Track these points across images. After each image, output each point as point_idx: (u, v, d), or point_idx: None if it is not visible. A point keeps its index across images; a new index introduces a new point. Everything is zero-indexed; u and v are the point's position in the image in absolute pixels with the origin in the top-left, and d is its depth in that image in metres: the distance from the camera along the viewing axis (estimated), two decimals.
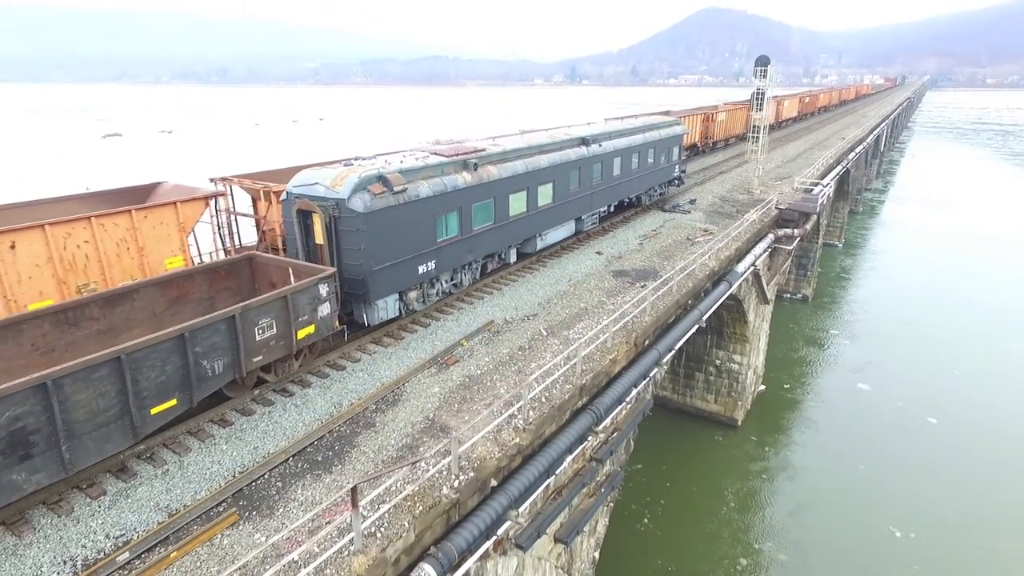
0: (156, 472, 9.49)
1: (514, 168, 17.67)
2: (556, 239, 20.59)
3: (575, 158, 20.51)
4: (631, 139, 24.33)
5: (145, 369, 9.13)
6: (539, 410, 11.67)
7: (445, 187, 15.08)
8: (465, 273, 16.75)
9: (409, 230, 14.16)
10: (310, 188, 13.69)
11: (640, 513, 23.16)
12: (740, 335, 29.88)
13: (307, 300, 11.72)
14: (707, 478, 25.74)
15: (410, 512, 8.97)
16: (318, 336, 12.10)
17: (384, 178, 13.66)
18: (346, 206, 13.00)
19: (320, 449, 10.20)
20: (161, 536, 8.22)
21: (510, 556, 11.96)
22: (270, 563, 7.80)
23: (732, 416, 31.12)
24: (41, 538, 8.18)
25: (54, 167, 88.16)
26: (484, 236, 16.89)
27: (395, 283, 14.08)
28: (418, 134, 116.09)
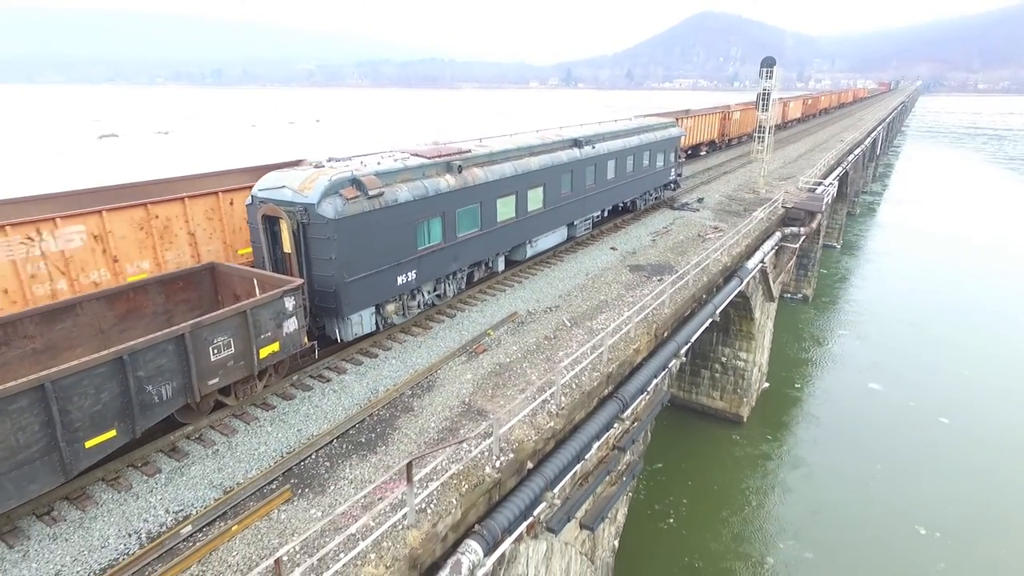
0: (207, 452, 9.76)
1: (502, 171, 16.71)
2: (547, 246, 19.74)
3: (567, 160, 19.58)
4: (626, 141, 23.62)
5: (76, 398, 8.05)
6: (570, 396, 12.00)
7: (426, 191, 14.09)
8: (449, 283, 15.79)
9: (386, 238, 13.14)
10: (276, 192, 12.52)
11: (664, 512, 23.35)
12: (746, 332, 30.29)
13: (270, 315, 10.65)
14: (725, 476, 26.02)
15: (456, 490, 9.28)
16: (284, 354, 11.03)
17: (358, 181, 12.62)
18: (315, 212, 11.90)
19: (363, 431, 10.50)
20: (219, 511, 8.49)
21: (540, 540, 12.27)
22: (328, 536, 8.07)
23: (738, 413, 31.51)
24: (104, 512, 8.44)
25: (54, 167, 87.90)
26: (470, 243, 15.90)
27: (371, 295, 13.06)
28: (414, 135, 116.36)
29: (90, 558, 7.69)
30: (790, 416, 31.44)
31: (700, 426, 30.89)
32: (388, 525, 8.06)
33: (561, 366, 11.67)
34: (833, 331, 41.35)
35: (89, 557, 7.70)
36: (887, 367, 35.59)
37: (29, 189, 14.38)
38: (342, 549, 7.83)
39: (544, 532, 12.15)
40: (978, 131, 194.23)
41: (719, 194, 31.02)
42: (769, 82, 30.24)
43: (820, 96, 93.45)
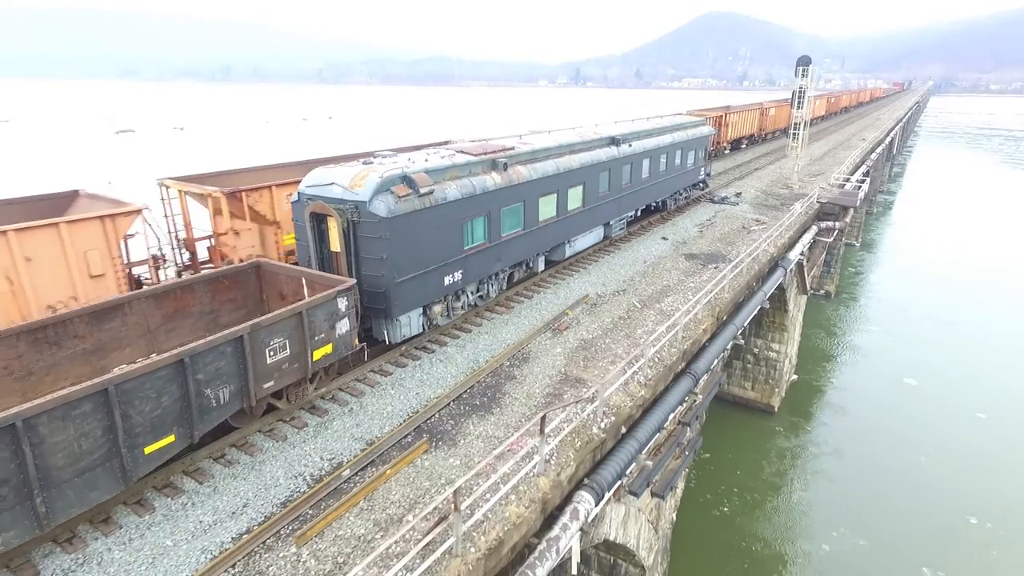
0: (342, 411, 10.80)
1: (544, 169, 16.37)
2: (585, 246, 19.45)
3: (605, 159, 19.29)
4: (659, 139, 23.28)
5: (138, 402, 7.86)
6: (655, 368, 12.96)
7: (474, 189, 13.75)
8: (492, 284, 15.49)
9: (435, 237, 12.84)
10: (325, 189, 12.20)
11: (710, 494, 24.06)
12: (779, 324, 31.13)
13: (324, 316, 10.36)
14: (768, 464, 26.62)
15: (571, 446, 10.27)
16: (336, 356, 10.74)
17: (409, 178, 12.30)
18: (367, 210, 11.57)
19: (475, 395, 11.50)
20: (369, 459, 9.51)
21: (620, 504, 13.26)
22: (472, 481, 9.06)
23: (769, 403, 32.35)
24: (270, 457, 9.49)
25: (74, 163, 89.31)
26: (513, 243, 15.58)
27: (419, 296, 12.76)
28: (428, 132, 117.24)
29: (268, 494, 8.72)
30: (821, 407, 32.26)
31: (732, 415, 31.76)
32: (523, 473, 9.04)
33: (650, 340, 12.63)
34: (857, 326, 42.10)
35: (267, 493, 8.73)
36: (918, 363, 36.22)
37: (69, 185, 14.91)
38: (489, 491, 8.82)
39: (626, 496, 13.14)
40: (994, 132, 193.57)
41: (754, 189, 31.89)
42: (804, 80, 31.09)
43: (842, 95, 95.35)
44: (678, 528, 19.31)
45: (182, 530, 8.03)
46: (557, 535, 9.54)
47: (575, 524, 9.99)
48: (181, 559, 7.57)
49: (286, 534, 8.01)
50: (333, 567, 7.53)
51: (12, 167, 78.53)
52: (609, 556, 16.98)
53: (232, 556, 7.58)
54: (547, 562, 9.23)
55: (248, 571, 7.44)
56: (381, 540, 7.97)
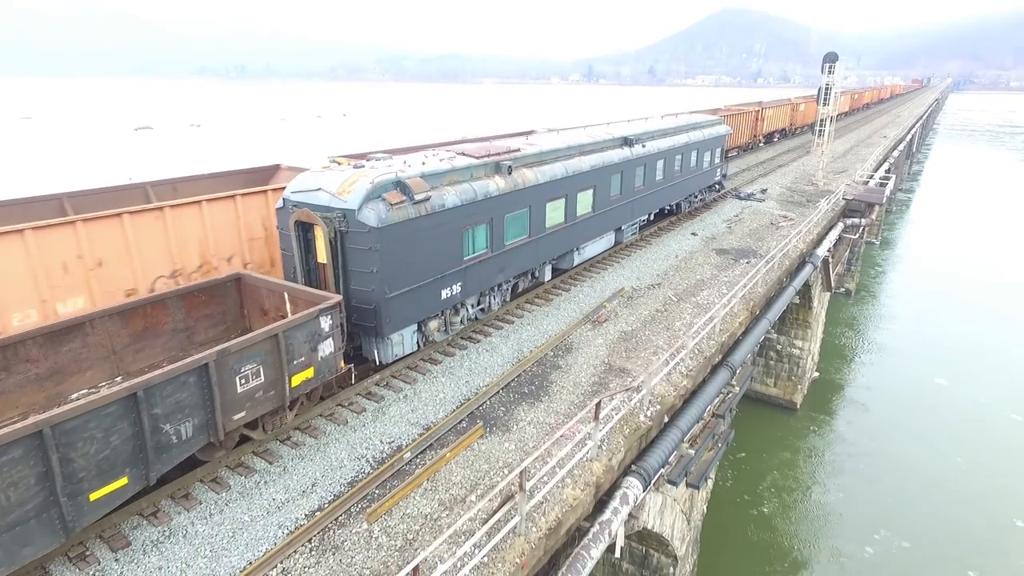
0: (397, 397, 11.14)
1: (552, 172, 15.33)
2: (594, 253, 18.44)
3: (617, 160, 18.24)
4: (674, 139, 22.16)
5: (81, 443, 6.86)
6: (696, 359, 13.19)
7: (475, 194, 12.74)
8: (495, 296, 14.51)
9: (432, 247, 11.89)
10: (312, 195, 11.30)
11: (742, 497, 24.04)
12: (803, 321, 31.17)
13: (304, 337, 9.34)
14: (796, 462, 26.61)
15: (621, 433, 10.53)
16: (318, 380, 9.76)
17: (403, 184, 11.37)
18: (355, 219, 10.66)
19: (523, 384, 11.80)
20: (427, 443, 9.83)
21: (658, 493, 13.51)
22: (531, 465, 9.34)
23: (791, 400, 32.41)
24: (333, 440, 9.84)
25: (95, 158, 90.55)
26: (517, 252, 14.55)
27: (414, 312, 11.79)
28: (440, 129, 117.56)
29: (335, 475, 9.07)
30: (844, 405, 32.26)
31: (755, 411, 31.86)
32: (578, 458, 9.32)
33: (691, 331, 12.86)
34: (878, 324, 41.95)
35: (334, 474, 9.08)
36: (946, 362, 35.85)
37: (91, 182, 15.03)
38: (547, 475, 9.11)
39: (664, 485, 13.39)
40: (1016, 129, 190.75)
41: (779, 186, 31.93)
42: (831, 77, 31.06)
43: (865, 91, 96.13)
44: (708, 520, 19.54)
45: (257, 507, 8.39)
46: (609, 518, 9.83)
47: (625, 508, 10.26)
48: (259, 534, 7.92)
49: (356, 512, 8.35)
50: (404, 543, 7.85)
51: (37, 162, 79.81)
52: (641, 547, 17.22)
53: (307, 532, 7.92)
54: (601, 544, 9.51)
55: (324, 545, 7.78)
56: (447, 518, 8.28)
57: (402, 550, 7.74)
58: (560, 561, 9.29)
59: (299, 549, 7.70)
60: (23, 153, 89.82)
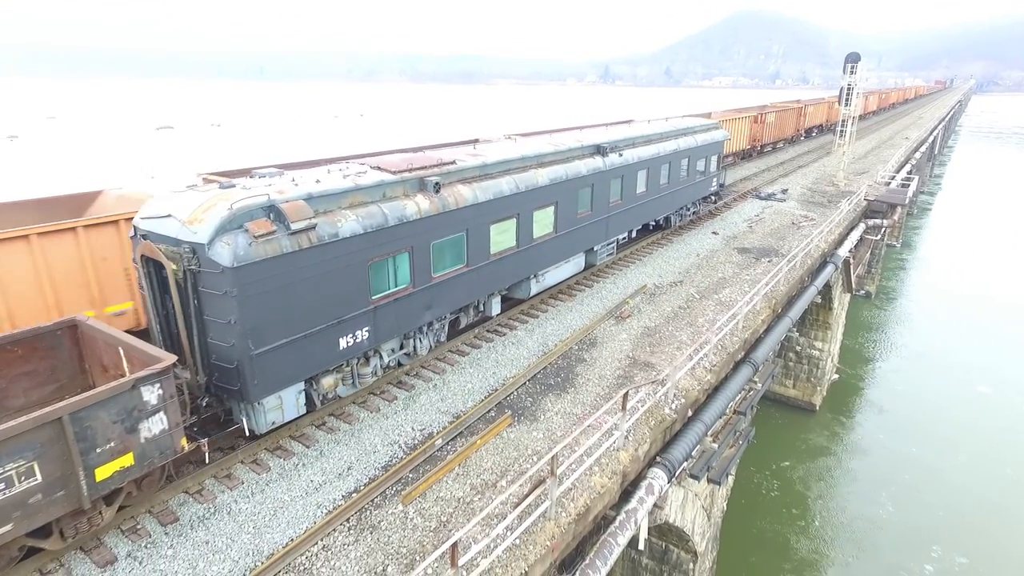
0: (427, 386, 11.43)
1: (498, 188, 13.10)
2: (558, 279, 16.15)
3: (587, 172, 16.03)
4: (660, 147, 19.92)
5: None
6: (719, 355, 13.33)
7: (385, 219, 10.54)
8: (422, 337, 12.29)
9: (321, 287, 9.68)
10: (161, 223, 9.14)
11: (760, 496, 23.90)
12: (823, 322, 31.06)
13: (114, 416, 7.25)
14: (813, 464, 26.42)
15: (646, 424, 10.72)
16: (144, 468, 7.67)
17: (276, 210, 9.15)
18: (206, 256, 8.51)
19: (549, 375, 12.02)
20: (458, 431, 10.09)
21: (679, 487, 13.65)
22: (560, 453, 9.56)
23: (810, 401, 32.30)
24: (366, 427, 10.14)
25: (117, 157, 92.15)
26: (450, 285, 12.32)
27: (296, 368, 9.63)
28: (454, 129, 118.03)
29: (369, 459, 9.35)
30: (864, 408, 32.05)
31: (773, 412, 31.80)
32: (605, 447, 9.51)
33: (715, 327, 13.00)
34: (898, 328, 41.58)
35: (368, 459, 9.37)
36: (985, 369, 35.19)
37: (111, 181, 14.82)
38: (575, 462, 9.32)
39: (686, 479, 13.54)
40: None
41: (800, 186, 31.86)
42: (852, 77, 30.94)
43: (891, 92, 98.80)
44: (727, 517, 19.61)
45: (297, 487, 8.69)
46: (635, 507, 10.02)
47: (650, 499, 10.45)
48: (299, 513, 8.22)
49: (391, 494, 8.62)
50: (438, 524, 8.11)
51: (62, 163, 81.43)
52: (661, 542, 17.34)
53: (345, 512, 8.20)
54: (627, 532, 9.71)
55: (362, 525, 8.05)
56: (479, 502, 8.52)
57: (436, 531, 7.99)
58: (586, 548, 9.50)
59: (338, 528, 7.98)
60: (51, 152, 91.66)
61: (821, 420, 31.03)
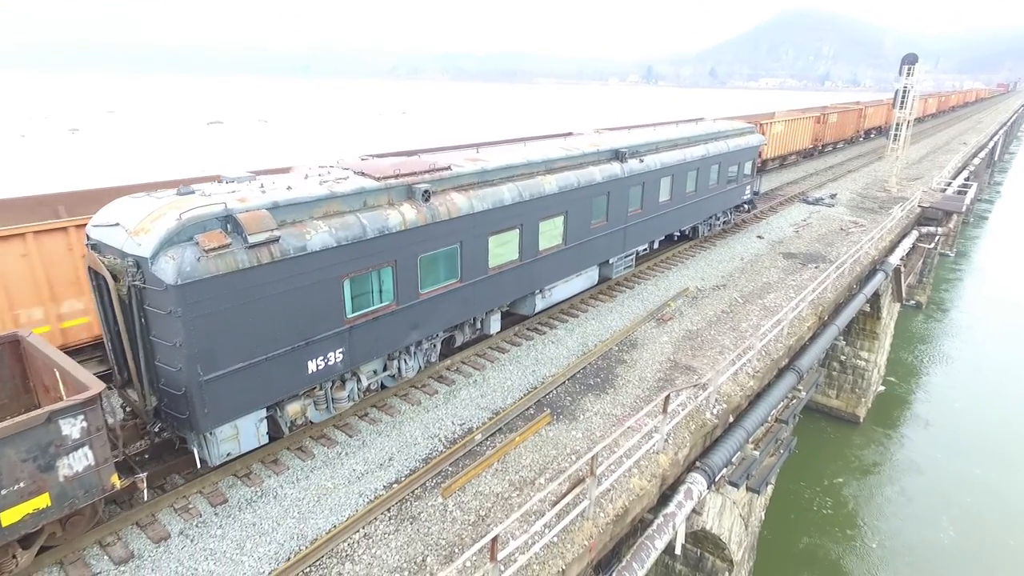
0: (467, 381, 11.55)
1: (498, 196, 12.07)
2: (568, 294, 15.03)
3: (602, 179, 14.92)
4: (687, 152, 18.65)
5: None
6: (763, 361, 13.07)
7: (363, 231, 9.58)
8: (408, 359, 11.32)
9: (285, 305, 8.79)
10: (109, 232, 8.37)
11: (800, 508, 23.38)
12: (870, 331, 30.10)
13: (23, 454, 6.49)
14: (856, 478, 25.57)
15: (687, 428, 10.59)
16: (64, 510, 6.90)
17: (233, 220, 8.27)
18: (150, 271, 7.73)
19: (589, 375, 11.99)
20: (497, 427, 10.16)
21: (717, 494, 13.43)
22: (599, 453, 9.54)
23: (854, 413, 31.35)
24: (407, 419, 10.30)
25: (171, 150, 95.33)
26: (441, 302, 11.36)
27: (255, 395, 8.77)
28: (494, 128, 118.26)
29: (410, 451, 9.50)
30: (911, 422, 30.93)
31: (815, 422, 30.98)
32: (644, 449, 9.45)
33: (760, 333, 12.76)
34: (950, 341, 39.99)
35: (409, 450, 9.52)
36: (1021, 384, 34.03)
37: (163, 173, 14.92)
38: (614, 464, 9.28)
39: (725, 486, 13.31)
40: None
41: (849, 191, 30.97)
42: (909, 79, 29.88)
43: (950, 95, 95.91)
44: (765, 527, 19.21)
45: (340, 476, 8.89)
46: (673, 511, 9.92)
47: (689, 503, 10.34)
48: (342, 500, 8.41)
49: (431, 487, 8.74)
50: (477, 519, 8.18)
51: (121, 155, 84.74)
52: (696, 549, 17.10)
53: (386, 502, 8.36)
54: (664, 536, 9.62)
55: (402, 515, 8.19)
56: (518, 498, 8.57)
57: (475, 525, 8.07)
58: (623, 551, 9.45)
59: (379, 517, 8.14)
60: (111, 144, 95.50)
61: (866, 433, 30.09)
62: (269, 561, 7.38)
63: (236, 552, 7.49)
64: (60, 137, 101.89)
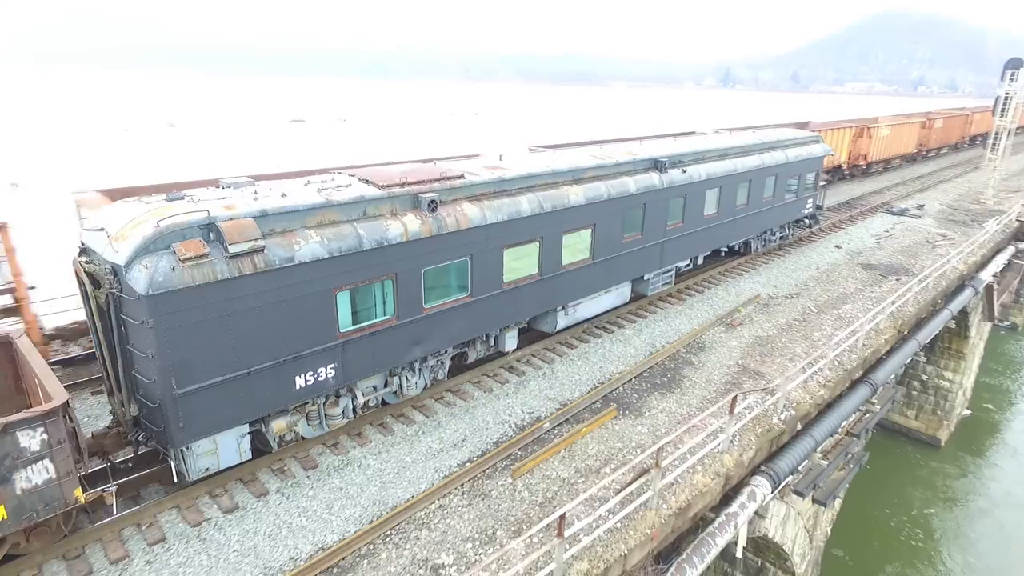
0: (537, 373, 12.05)
1: (515, 207, 11.40)
2: (594, 311, 14.12)
3: (636, 191, 13.98)
4: (737, 162, 17.52)
5: None
6: (835, 371, 12.90)
7: (359, 241, 9.17)
8: (410, 375, 10.79)
9: (270, 318, 8.46)
10: (94, 237, 8.34)
11: (869, 528, 22.43)
12: (956, 351, 28.56)
13: None
14: (934, 504, 24.11)
15: (753, 432, 10.67)
16: (22, 521, 6.90)
17: (215, 228, 8.03)
18: (125, 280, 7.55)
19: (655, 375, 12.23)
20: (564, 417, 10.59)
21: (782, 503, 13.32)
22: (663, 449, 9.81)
23: (935, 436, 29.78)
24: (480, 405, 10.90)
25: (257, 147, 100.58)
26: (448, 317, 10.80)
27: (237, 410, 8.51)
28: (564, 130, 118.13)
29: (482, 434, 10.08)
30: (1000, 450, 29.09)
31: (891, 442, 29.64)
32: (709, 448, 9.63)
33: (833, 342, 12.61)
34: None
35: (481, 433, 10.10)
36: None
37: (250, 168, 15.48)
38: (678, 459, 9.52)
39: (790, 495, 13.20)
40: None
41: (939, 202, 29.49)
42: (1012, 85, 28.14)
43: None
44: (831, 544, 18.73)
45: (417, 451, 9.56)
46: (735, 511, 10.05)
47: (752, 505, 10.43)
48: (419, 474, 9.06)
49: (502, 468, 9.27)
50: (543, 500, 8.64)
51: (214, 150, 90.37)
52: (757, 559, 16.93)
53: (460, 478, 8.95)
54: (725, 534, 9.78)
55: (474, 491, 8.76)
56: (583, 484, 8.97)
57: (542, 505, 8.54)
58: (683, 546, 9.68)
59: (453, 491, 8.74)
60: (204, 139, 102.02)
61: (949, 458, 28.53)
62: (354, 522, 8.09)
63: (325, 512, 8.26)
64: (158, 132, 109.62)
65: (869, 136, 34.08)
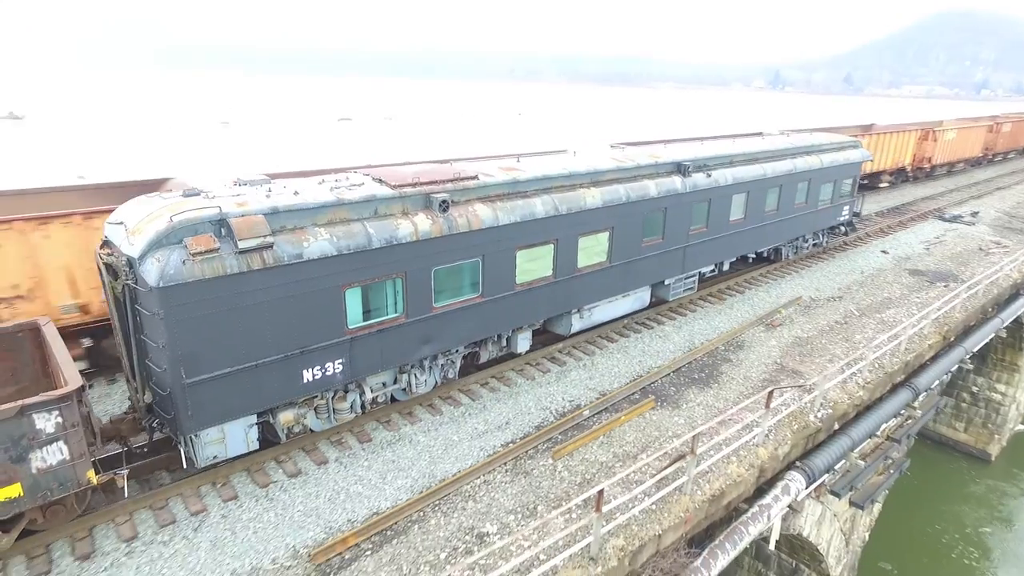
0: (577, 364, 12.53)
1: (529, 209, 11.42)
2: (611, 315, 14.03)
3: (657, 194, 13.84)
4: (768, 167, 17.16)
5: None
6: (875, 373, 12.97)
7: (368, 240, 9.36)
8: (419, 373, 10.95)
9: (278, 313, 8.76)
10: (115, 229, 8.73)
11: (910, 539, 21.94)
12: (1010, 363, 27.71)
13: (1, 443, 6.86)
14: (983, 521, 23.31)
15: (789, 427, 10.92)
16: (37, 499, 7.25)
17: (225, 224, 8.37)
18: (139, 271, 7.94)
19: (693, 370, 12.55)
20: (603, 406, 11.04)
21: (818, 502, 13.44)
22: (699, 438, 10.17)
23: (985, 450, 28.93)
24: (522, 391, 11.46)
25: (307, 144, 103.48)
26: (459, 317, 10.93)
27: (243, 401, 8.82)
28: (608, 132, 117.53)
29: (524, 419, 10.62)
30: None
31: (936, 454, 28.92)
32: (744, 440, 9.93)
33: (874, 344, 12.70)
34: None
35: (523, 418, 10.64)
36: None
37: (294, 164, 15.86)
38: (713, 449, 9.87)
39: (826, 495, 13.32)
40: None
41: (994, 209, 28.68)
42: None
43: None
44: (868, 550, 18.57)
45: (463, 432, 10.17)
46: (768, 503, 10.33)
47: (785, 499, 10.67)
48: (465, 452, 9.66)
49: (543, 449, 9.79)
50: (582, 480, 9.13)
51: (266, 147, 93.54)
52: (791, 560, 17.01)
53: (503, 457, 9.51)
54: (758, 524, 10.07)
55: (517, 470, 9.30)
56: (621, 468, 9.41)
57: (581, 486, 9.02)
58: (716, 533, 10.01)
59: (497, 468, 9.31)
60: (257, 136, 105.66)
61: (1002, 475, 27.66)
62: (405, 492, 8.74)
63: (379, 481, 8.94)
64: (211, 129, 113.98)
65: (934, 139, 34.60)
